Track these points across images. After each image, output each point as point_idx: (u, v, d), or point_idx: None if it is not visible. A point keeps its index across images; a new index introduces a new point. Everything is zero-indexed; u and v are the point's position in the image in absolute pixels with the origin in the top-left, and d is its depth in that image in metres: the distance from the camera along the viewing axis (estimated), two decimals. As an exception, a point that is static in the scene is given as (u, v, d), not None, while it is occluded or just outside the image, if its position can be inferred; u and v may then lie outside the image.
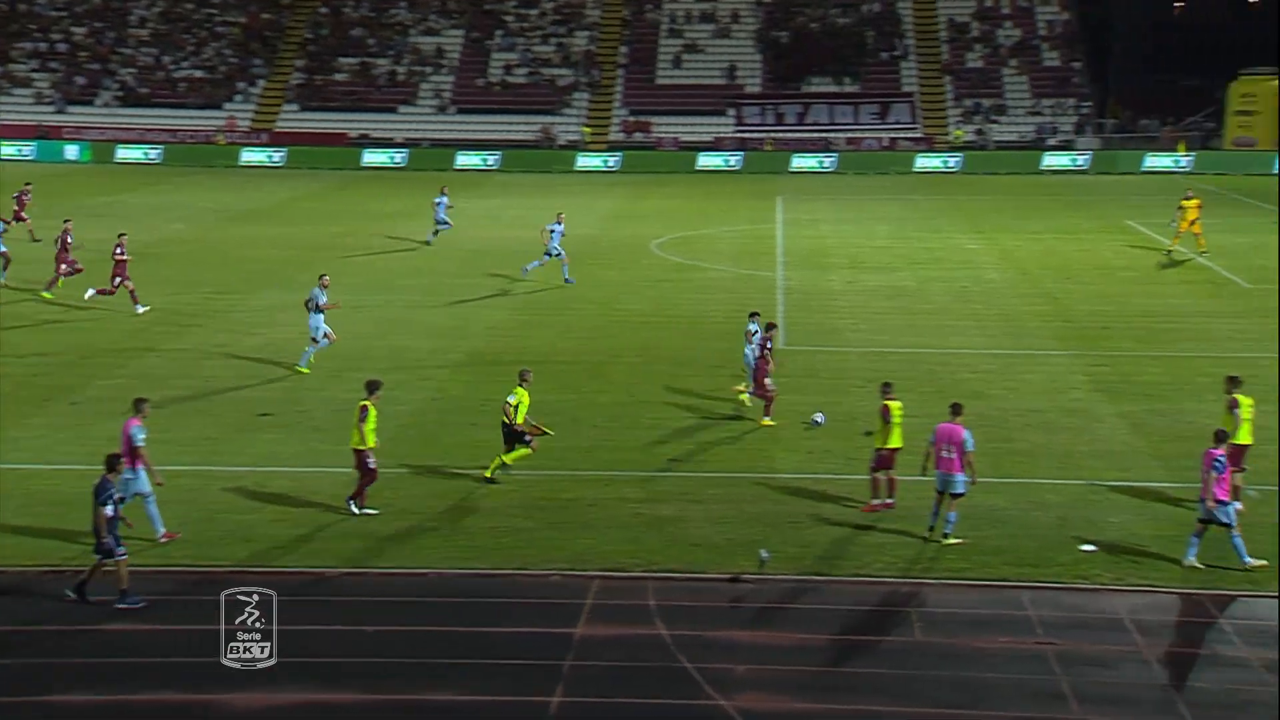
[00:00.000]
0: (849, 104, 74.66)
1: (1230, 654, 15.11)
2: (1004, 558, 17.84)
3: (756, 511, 19.72)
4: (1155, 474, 21.21)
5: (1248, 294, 35.47)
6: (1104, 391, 25.97)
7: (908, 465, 19.93)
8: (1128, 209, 52.33)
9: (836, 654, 15.38)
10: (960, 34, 78.45)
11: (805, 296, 35.95)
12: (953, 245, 44.09)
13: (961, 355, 29.09)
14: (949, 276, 38.52)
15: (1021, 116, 73.90)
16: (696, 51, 78.50)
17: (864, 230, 47.67)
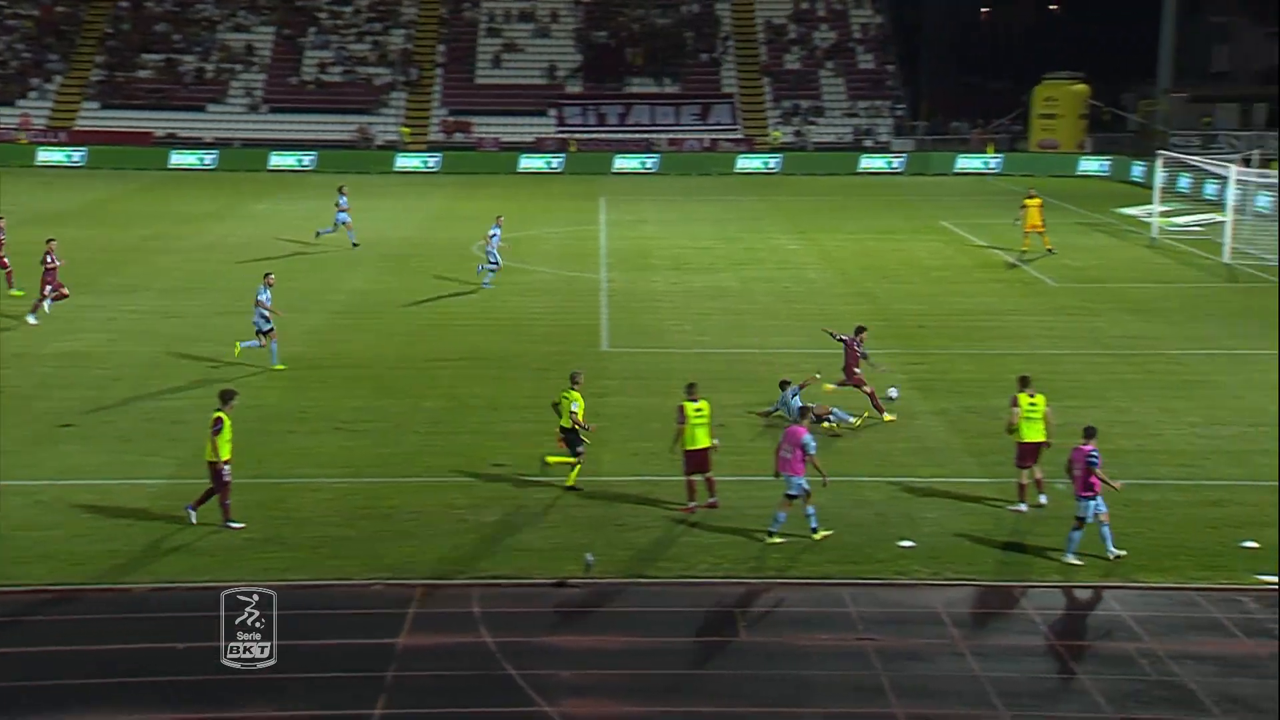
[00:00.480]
0: (670, 105, 75.40)
1: (1039, 644, 15.70)
2: (826, 555, 18.21)
3: (582, 515, 19.75)
4: (970, 470, 21.91)
5: (1055, 292, 36.93)
6: (921, 389, 26.72)
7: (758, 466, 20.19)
8: (941, 210, 54.01)
9: (663, 656, 15.50)
10: (778, 36, 79.93)
11: (629, 298, 36.16)
12: (774, 246, 44.86)
13: (784, 355, 29.60)
14: (771, 276, 39.19)
15: (839, 118, 75.61)
16: (516, 51, 78.32)
17: (687, 231, 48.16)
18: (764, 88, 77.14)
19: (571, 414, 20.69)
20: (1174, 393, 26.23)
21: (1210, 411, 24.91)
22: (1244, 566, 17.71)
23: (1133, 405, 25.36)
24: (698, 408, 19.69)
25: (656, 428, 23.65)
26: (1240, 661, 15.22)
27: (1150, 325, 32.36)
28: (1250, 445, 22.86)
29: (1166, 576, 17.42)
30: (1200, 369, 28.15)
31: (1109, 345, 30.45)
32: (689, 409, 19.67)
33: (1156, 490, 20.63)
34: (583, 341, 30.96)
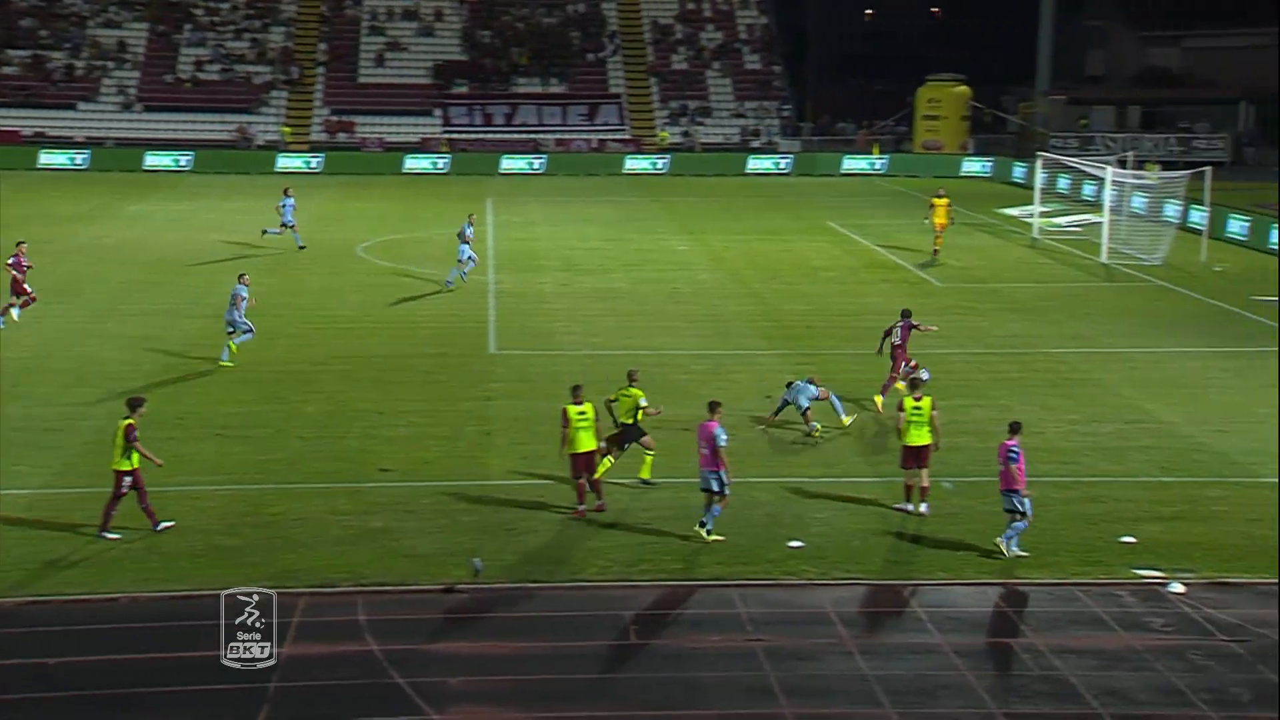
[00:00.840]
0: (557, 105, 75.38)
1: (925, 641, 15.97)
2: (716, 557, 18.35)
3: (470, 520, 19.66)
4: (858, 470, 22.22)
5: (940, 293, 37.61)
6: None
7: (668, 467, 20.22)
8: (828, 210, 54.70)
9: (553, 661, 15.49)
10: (664, 36, 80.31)
11: (517, 299, 36.08)
12: (664, 246, 45.07)
13: (674, 356, 29.76)
14: (661, 277, 39.36)
15: (726, 119, 76.21)
16: (400, 50, 77.66)
17: (575, 232, 48.18)
18: (651, 88, 77.47)
19: (641, 407, 20.84)
20: (1055, 391, 26.87)
21: (1089, 409, 25.57)
22: (1122, 561, 18.20)
23: (1015, 403, 25.91)
24: (581, 411, 19.71)
25: (545, 430, 23.60)
26: (1118, 655, 15.65)
27: (1032, 324, 33.11)
28: (1127, 442, 23.51)
29: (1047, 572, 17.84)
30: (1080, 367, 28.89)
31: (993, 344, 31.10)
32: (572, 412, 19.69)
33: (1037, 487, 21.05)
34: (470, 344, 30.82)
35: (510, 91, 76.09)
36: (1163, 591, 17.25)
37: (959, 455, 22.55)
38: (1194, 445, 23.42)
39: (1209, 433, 24.12)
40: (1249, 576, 17.72)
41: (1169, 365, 29.12)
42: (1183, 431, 24.17)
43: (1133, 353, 30.24)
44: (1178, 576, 17.60)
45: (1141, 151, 65.82)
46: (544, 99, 75.73)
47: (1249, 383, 27.59)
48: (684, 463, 22.27)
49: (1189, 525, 19.55)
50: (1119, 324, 33.32)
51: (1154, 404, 25.93)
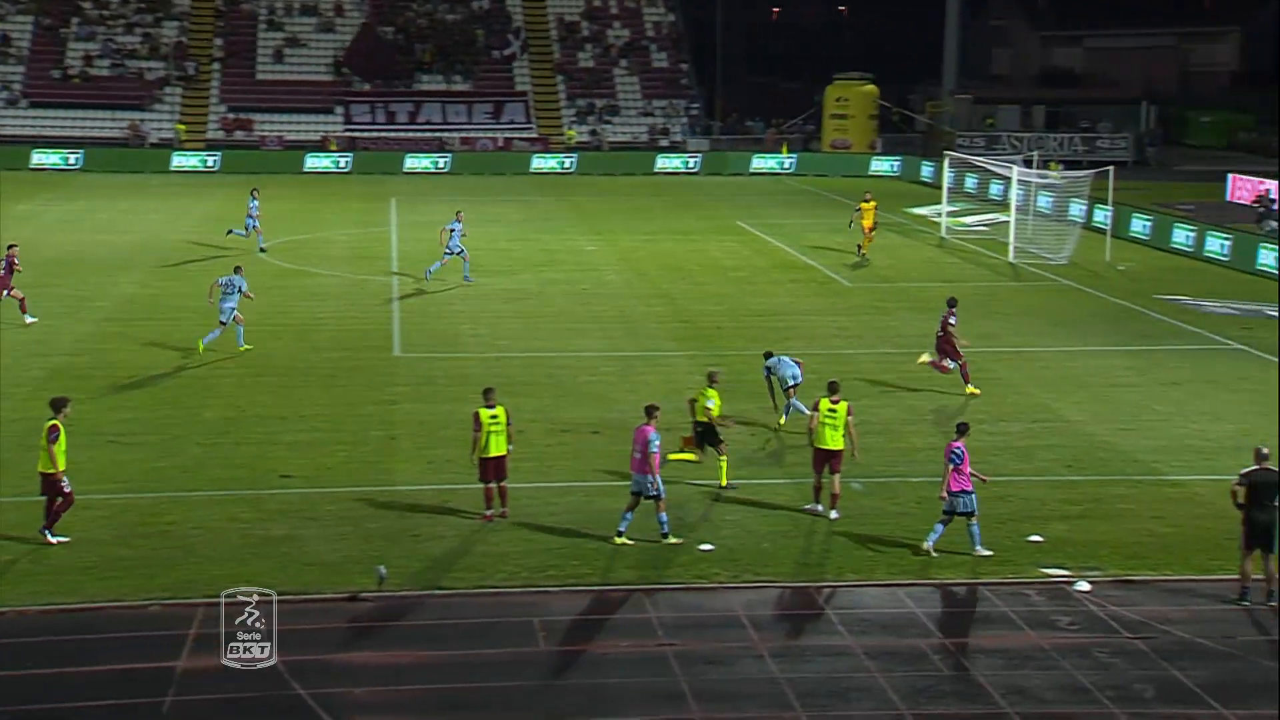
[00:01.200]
0: (462, 103, 74.97)
1: (836, 643, 16.11)
2: (625, 561, 18.36)
3: (375, 526, 19.49)
4: (768, 471, 22.37)
5: (849, 292, 38.00)
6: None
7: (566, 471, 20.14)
8: (738, 210, 55.01)
9: (460, 669, 15.40)
10: (571, 33, 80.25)
11: (422, 301, 35.84)
12: (572, 247, 45.04)
13: (583, 358, 29.75)
14: (569, 278, 39.33)
15: (634, 117, 76.33)
16: (299, 46, 76.77)
17: (482, 232, 47.93)
18: (558, 86, 77.38)
19: (706, 409, 21.23)
20: (963, 390, 27.23)
21: (997, 408, 25.97)
22: (1030, 560, 18.51)
23: (923, 403, 26.26)
24: (493, 415, 19.62)
25: (451, 435, 23.49)
26: (1026, 654, 15.91)
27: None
28: (1035, 441, 23.92)
29: (958, 572, 18.09)
30: (987, 366, 29.32)
31: (901, 344, 31.46)
32: (484, 416, 19.59)
33: (947, 486, 21.38)
34: (374, 347, 30.56)
35: (414, 89, 75.54)
36: (1069, 590, 17.57)
37: (869, 456, 22.74)
38: (1099, 444, 23.89)
39: (1114, 431, 24.62)
40: (1153, 574, 18.12)
41: (1075, 364, 29.68)
42: (1088, 430, 24.65)
43: (1040, 352, 30.78)
44: (1084, 575, 17.94)
45: (1046, 151, 67.01)
46: (448, 97, 75.30)
47: (1151, 381, 28.21)
48: (591, 466, 22.30)
49: (1095, 524, 19.93)
50: (1026, 323, 33.90)
51: (1060, 403, 26.42)
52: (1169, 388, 27.58)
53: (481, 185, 63.75)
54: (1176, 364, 29.58)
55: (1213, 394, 27.09)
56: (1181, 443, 23.86)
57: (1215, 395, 27.00)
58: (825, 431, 19.95)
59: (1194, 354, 30.59)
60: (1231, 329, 32.96)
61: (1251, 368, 29.30)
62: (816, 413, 20.04)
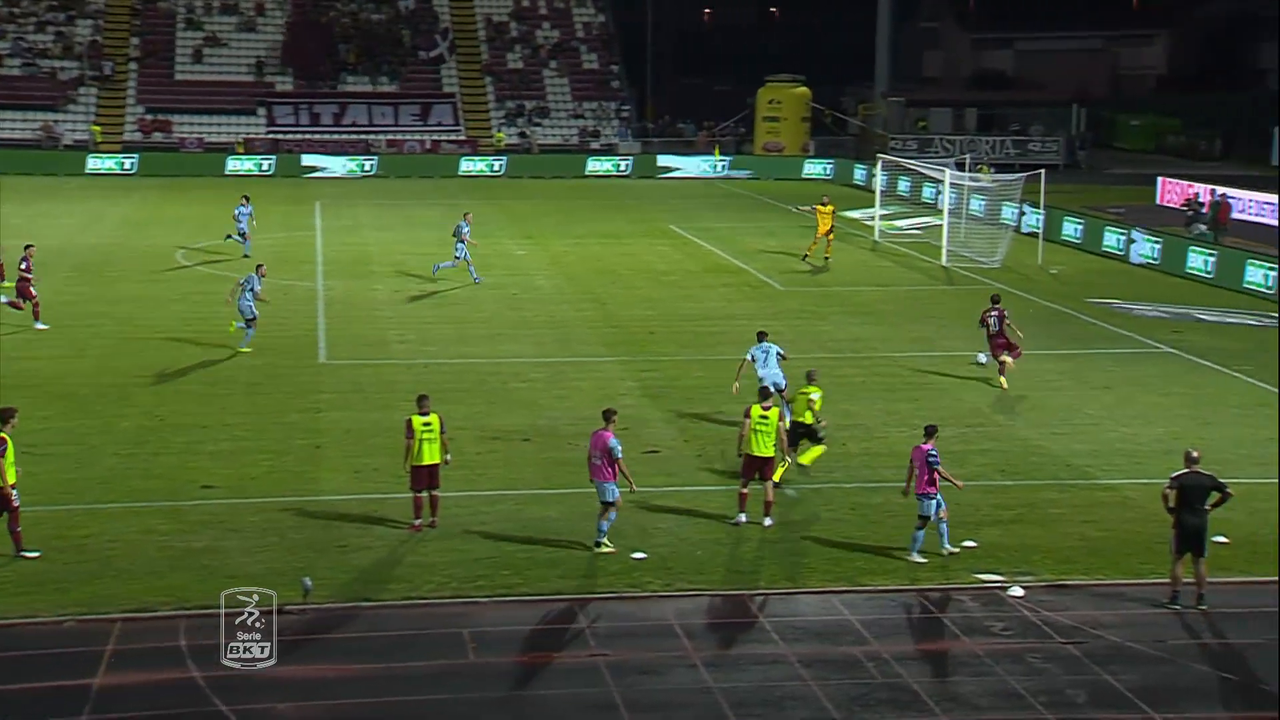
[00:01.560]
0: (388, 104, 74.63)
1: (770, 652, 16.18)
2: (557, 570, 18.33)
3: (300, 537, 19.32)
4: (701, 478, 22.43)
5: (782, 296, 38.21)
6: (651, 397, 27.23)
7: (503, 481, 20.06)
8: (669, 213, 55.14)
9: (388, 683, 15.30)
10: (499, 34, 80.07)
11: (348, 307, 35.62)
12: (501, 251, 44.94)
13: (513, 364, 29.69)
14: (498, 283, 39.24)
15: (564, 119, 76.33)
16: (219, 45, 76.01)
17: (409, 236, 47.77)
18: (486, 87, 77.21)
19: (810, 404, 21.91)
20: (897, 395, 27.50)
21: (930, 413, 26.11)
22: (964, 566, 18.71)
23: (858, 408, 26.47)
24: (426, 422, 19.52)
25: (380, 443, 23.35)
26: (960, 660, 16.08)
27: (874, 328, 33.84)
28: (968, 446, 24.17)
29: (891, 579, 18.24)
30: (921, 370, 29.61)
31: (835, 349, 31.70)
32: (417, 423, 19.48)
33: (880, 493, 21.59)
34: (298, 354, 30.32)
35: (339, 90, 75.03)
36: (1003, 595, 17.77)
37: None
38: (1031, 448, 24.20)
39: (1046, 435, 24.94)
40: (1085, 579, 18.37)
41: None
42: (1021, 434, 24.96)
43: (972, 355, 31.10)
44: (1017, 580, 18.16)
45: (978, 154, 67.78)
46: (374, 98, 74.89)
47: (1083, 384, 28.61)
48: (523, 474, 22.26)
49: (1027, 529, 20.18)
50: (959, 327, 34.23)
51: (993, 407, 26.72)
52: (1100, 391, 27.99)
53: (409, 188, 63.44)
54: (1108, 367, 30.03)
55: (1143, 397, 27.54)
56: (1113, 446, 24.22)
57: (1146, 399, 27.44)
58: (757, 439, 19.95)
59: (1125, 357, 31.08)
60: (1161, 332, 33.53)
61: (1181, 371, 29.82)
62: (748, 420, 20.06)
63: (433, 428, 19.53)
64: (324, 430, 24.51)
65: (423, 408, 19.66)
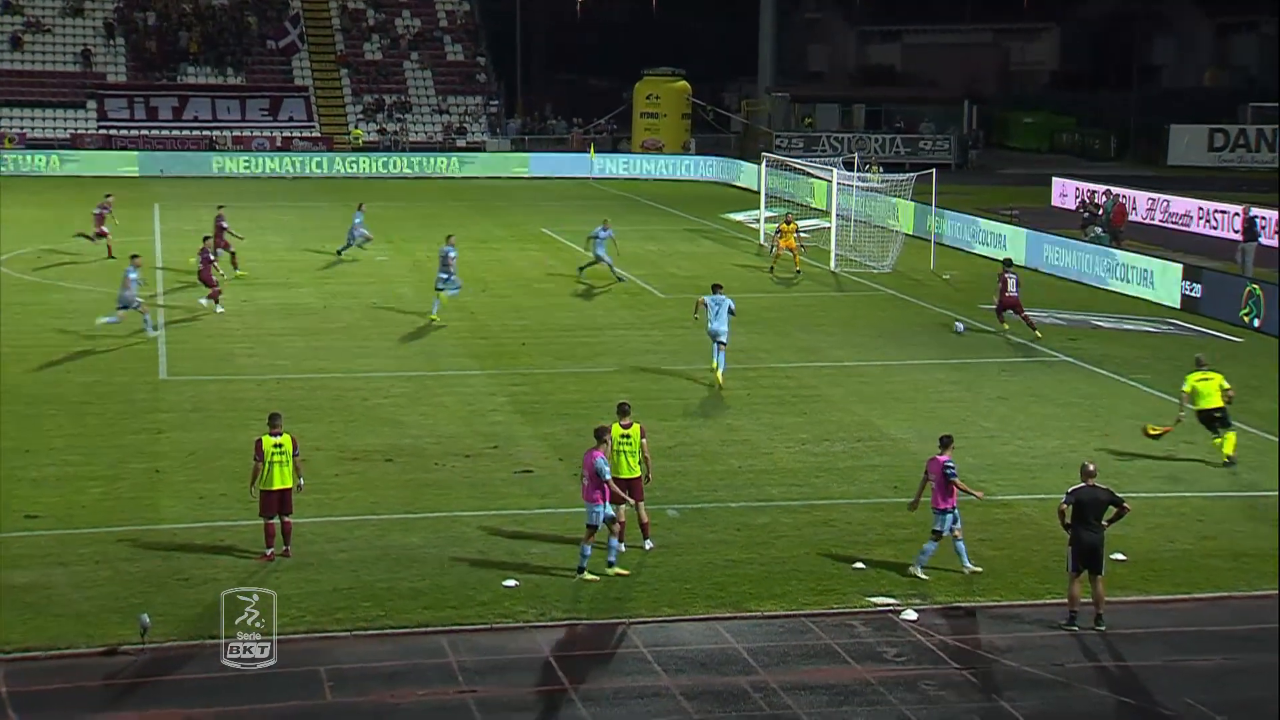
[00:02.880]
0: (234, 98, 73.63)
1: (650, 684, 16.19)
2: (422, 601, 18.18)
3: (136, 571, 18.91)
4: (578, 500, 22.37)
5: (662, 304, 38.39)
6: (524, 413, 27.16)
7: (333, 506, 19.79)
8: (541, 216, 55.12)
9: (237, 728, 15.05)
10: (355, 23, 79.43)
11: (190, 319, 35.01)
12: (360, 257, 44.54)
13: (373, 379, 29.43)
14: (357, 291, 38.88)
15: (427, 115, 75.96)
16: (43, 32, 74.24)
17: (258, 242, 47.12)
18: (342, 80, 76.54)
19: (1225, 390, 23.58)
20: (783, 408, 27.77)
21: (819, 427, 26.53)
22: (855, 589, 18.93)
23: (742, 423, 26.67)
24: (278, 443, 19.24)
25: (226, 466, 22.98)
26: (851, 689, 16.25)
27: (759, 337, 34.14)
28: (858, 461, 24.49)
29: (779, 604, 18.39)
30: (809, 382, 29.95)
31: (717, 360, 31.88)
32: (268, 444, 19.20)
33: (767, 513, 21.77)
34: (136, 369, 29.75)
35: (179, 82, 73.77)
36: (896, 619, 18.02)
37: (684, 480, 23.04)
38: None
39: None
40: (980, 600, 18.69)
41: (898, 378, 30.51)
42: (913, 448, 25.32)
43: (862, 365, 31.55)
44: (910, 603, 18.42)
45: (867, 152, 68.89)
46: (219, 91, 73.79)
47: (976, 395, 29.16)
48: (384, 498, 22.06)
49: (920, 549, 20.47)
50: (848, 335, 34.71)
51: (884, 420, 27.11)
52: (994, 402, 28.55)
53: (259, 188, 62.58)
54: (1001, 378, 30.63)
55: (1038, 408, 28.14)
56: (1007, 460, 24.70)
57: (1041, 409, 28.05)
58: (620, 460, 19.77)
59: (1019, 366, 31.74)
60: (1057, 340, 34.31)
61: (1078, 380, 30.54)
62: (606, 442, 19.83)
63: (285, 449, 19.28)
64: (164, 453, 24.05)
65: (274, 427, 19.40)
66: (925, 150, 73.83)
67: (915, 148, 74.37)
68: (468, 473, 23.56)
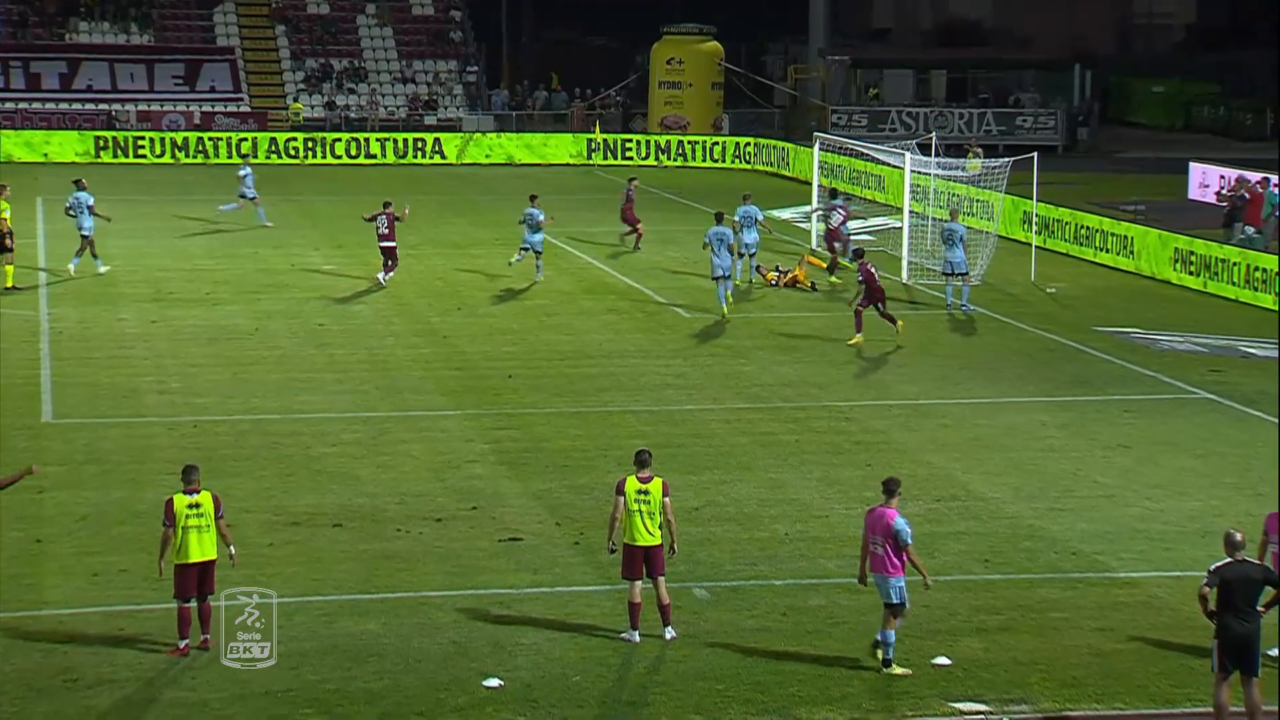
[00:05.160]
0: (139, 62, 73.95)
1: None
2: (380, 707, 18.20)
3: (12, 670, 18.95)
4: (580, 574, 22.38)
5: (688, 324, 38.39)
6: (510, 464, 27.15)
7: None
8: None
9: None
10: (297, -33, 79.92)
11: (84, 344, 35.22)
12: (302, 265, 44.69)
13: (318, 421, 29.49)
14: (297, 310, 38.99)
15: (388, 84, 76.26)
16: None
17: (170, 246, 47.35)
18: (278, 41, 76.89)
19: None
20: (841, 459, 27.72)
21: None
22: (935, 691, 18.86)
23: (789, 477, 26.64)
24: (195, 503, 19.30)
25: (128, 534, 23.04)
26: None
27: (811, 369, 34.10)
28: (938, 527, 24.39)
29: (837, 710, 18.29)
30: (873, 426, 29.90)
31: (758, 396, 31.87)
32: (181, 505, 19.27)
33: (821, 592, 21.72)
34: (12, 410, 29.86)
35: (68, 42, 74.18)
36: (989, 731, 17.97)
37: (715, 550, 22.99)
38: (1023, 529, 24.51)
39: (1042, 512, 25.29)
40: (1098, 708, 18.58)
41: (989, 421, 30.43)
42: (1008, 511, 25.27)
43: (942, 405, 31.48)
44: (1008, 710, 18.35)
45: (949, 132, 68.90)
46: (119, 54, 74.13)
47: (1090, 443, 29.06)
48: (332, 574, 22.07)
49: (1020, 639, 20.39)
50: (924, 366, 34.64)
51: (970, 474, 27.05)
52: (1114, 452, 28.45)
53: (170, 178, 62.80)
54: (1123, 420, 30.54)
55: (1171, 460, 28.03)
56: (1131, 527, 24.61)
57: (1174, 462, 27.93)
58: (636, 521, 19.81)
59: (1147, 406, 31.63)
60: (1196, 372, 34.21)
61: (1222, 424, 30.43)
62: (621, 496, 19.93)
63: (204, 510, 19.33)
64: (47, 517, 24.08)
65: (189, 483, 19.43)
66: (1023, 128, 73.90)
67: (1010, 125, 74.43)
68: (439, 541, 23.55)
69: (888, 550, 19.06)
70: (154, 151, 67.74)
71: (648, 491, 19.84)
